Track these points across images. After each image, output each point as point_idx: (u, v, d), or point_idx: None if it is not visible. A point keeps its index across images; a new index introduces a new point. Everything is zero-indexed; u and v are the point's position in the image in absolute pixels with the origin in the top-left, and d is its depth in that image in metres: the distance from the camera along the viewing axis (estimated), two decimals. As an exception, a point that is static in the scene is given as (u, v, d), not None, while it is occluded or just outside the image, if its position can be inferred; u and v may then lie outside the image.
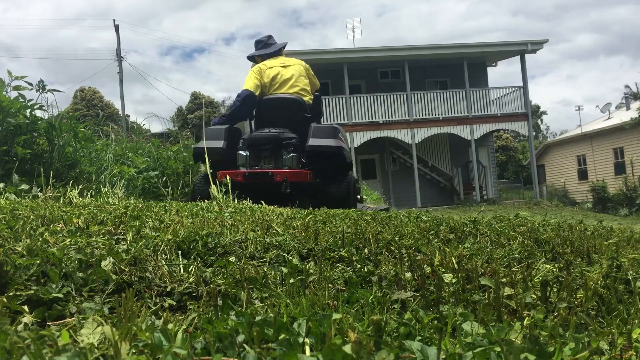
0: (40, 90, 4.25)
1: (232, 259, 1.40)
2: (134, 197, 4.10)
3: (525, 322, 0.98)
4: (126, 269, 1.22)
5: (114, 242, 1.48)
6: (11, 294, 0.99)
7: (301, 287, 1.21)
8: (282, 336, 0.75)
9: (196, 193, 4.13)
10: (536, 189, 20.67)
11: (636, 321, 1.02)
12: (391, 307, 1.10)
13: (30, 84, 4.14)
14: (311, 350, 0.73)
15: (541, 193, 22.46)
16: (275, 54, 4.75)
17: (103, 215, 2.00)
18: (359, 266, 1.42)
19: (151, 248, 1.41)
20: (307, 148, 4.16)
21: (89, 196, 3.44)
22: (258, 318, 0.77)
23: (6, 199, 2.72)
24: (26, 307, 0.96)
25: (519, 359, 0.67)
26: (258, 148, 4.27)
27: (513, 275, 1.23)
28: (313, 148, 4.14)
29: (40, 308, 0.97)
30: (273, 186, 3.99)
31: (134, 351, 0.69)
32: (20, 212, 1.94)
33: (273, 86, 4.50)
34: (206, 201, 3.48)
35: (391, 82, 20.77)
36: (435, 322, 0.97)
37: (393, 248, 1.66)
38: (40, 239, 1.39)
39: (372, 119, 18.53)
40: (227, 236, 1.64)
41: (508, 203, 19.46)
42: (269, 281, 1.26)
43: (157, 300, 1.13)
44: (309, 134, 4.19)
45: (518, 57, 19.92)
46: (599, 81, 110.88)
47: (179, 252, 1.42)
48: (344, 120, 18.18)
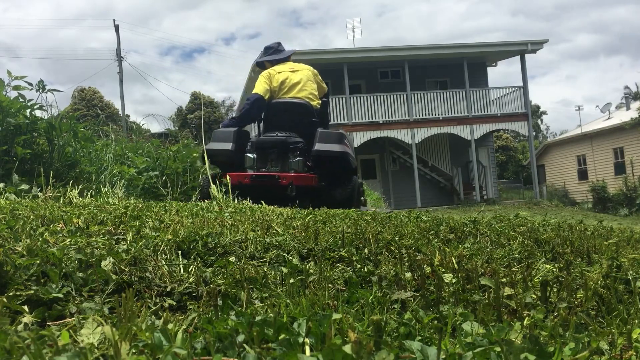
0: (40, 90, 4.26)
1: (232, 259, 1.40)
2: (134, 197, 4.10)
3: (525, 322, 0.98)
4: (126, 269, 1.22)
5: (114, 242, 1.48)
6: (11, 294, 0.99)
7: (301, 287, 1.21)
8: (282, 336, 0.75)
9: (204, 194, 4.20)
10: (536, 189, 20.67)
11: (636, 321, 1.02)
12: (391, 307, 1.10)
13: (30, 84, 4.14)
14: (311, 350, 0.73)
15: (541, 193, 22.47)
16: (284, 60, 4.85)
17: (103, 215, 2.00)
18: (359, 266, 1.42)
19: (151, 248, 1.41)
20: (313, 152, 4.24)
21: (89, 196, 3.44)
22: (258, 318, 0.77)
23: (6, 199, 2.72)
24: (26, 307, 0.96)
25: (519, 359, 0.67)
26: (265, 151, 4.35)
27: (513, 275, 1.23)
28: (319, 153, 4.22)
29: (40, 308, 0.97)
30: (279, 189, 4.07)
31: (134, 351, 0.69)
32: (20, 212, 1.94)
33: (282, 90, 4.59)
34: (206, 201, 3.49)
35: (391, 82, 20.77)
36: (435, 322, 0.97)
37: (393, 248, 1.66)
38: (40, 239, 1.39)
39: (372, 119, 18.53)
40: (227, 236, 1.64)
41: (508, 203, 19.46)
42: (269, 281, 1.26)
43: (157, 300, 1.13)
44: (315, 139, 4.27)
45: (518, 57, 19.93)
46: (599, 81, 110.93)
47: (179, 252, 1.42)
48: (344, 120, 18.19)
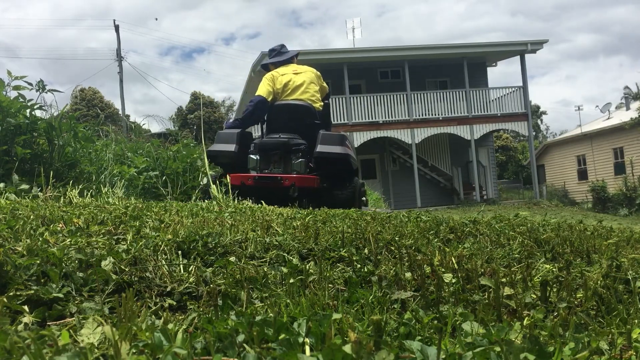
0: (40, 90, 4.25)
1: (232, 259, 1.40)
2: (134, 197, 4.10)
3: (525, 322, 0.98)
4: (126, 269, 1.22)
5: (114, 242, 1.48)
6: (11, 294, 0.99)
7: (301, 287, 1.21)
8: (282, 336, 0.75)
9: (207, 193, 4.29)
10: (536, 189, 20.67)
11: (636, 321, 1.02)
12: (391, 307, 1.10)
13: (30, 84, 4.14)
14: (311, 350, 0.73)
15: (541, 193, 22.47)
16: (287, 62, 4.91)
17: (103, 215, 2.00)
18: (359, 266, 1.42)
19: (151, 248, 1.41)
20: (315, 154, 4.31)
21: (89, 196, 3.44)
22: (258, 318, 0.77)
23: (6, 199, 2.72)
24: (26, 307, 0.96)
25: (519, 359, 0.67)
26: (268, 152, 4.43)
27: (513, 275, 1.23)
28: (321, 154, 4.29)
29: (40, 308, 0.97)
30: (282, 190, 4.14)
31: (134, 351, 0.69)
32: (20, 212, 1.94)
33: (285, 92, 4.65)
34: (206, 201, 3.50)
35: (391, 82, 20.76)
36: (435, 322, 0.97)
37: (393, 248, 1.66)
38: (40, 239, 1.39)
39: (372, 119, 18.53)
40: (227, 236, 1.64)
41: (508, 203, 19.46)
42: (269, 281, 1.26)
43: (157, 300, 1.13)
44: (317, 141, 4.34)
45: (518, 57, 19.92)
46: (599, 81, 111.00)
47: (179, 252, 1.42)
48: (344, 120, 18.19)
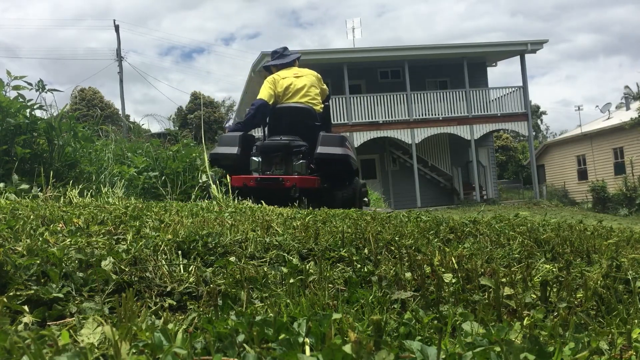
0: (39, 90, 4.25)
1: (232, 259, 1.40)
2: (134, 197, 4.10)
3: (525, 322, 0.98)
4: (126, 269, 1.22)
5: (114, 242, 1.48)
6: (11, 294, 0.99)
7: (301, 287, 1.21)
8: (282, 336, 0.75)
9: (207, 190, 4.45)
10: (536, 189, 20.67)
11: (636, 321, 1.02)
12: (391, 307, 1.10)
13: (29, 84, 4.14)
14: (311, 350, 0.73)
15: (541, 193, 22.46)
16: (289, 64, 5.00)
17: (103, 215, 2.00)
18: (359, 266, 1.42)
19: (151, 248, 1.41)
20: (316, 155, 4.39)
21: (89, 196, 3.44)
22: (258, 318, 0.77)
23: (6, 199, 2.72)
24: (26, 307, 0.96)
25: (519, 359, 0.67)
26: (270, 154, 4.52)
27: (513, 275, 1.23)
28: (321, 155, 4.37)
29: (40, 308, 0.97)
30: (283, 191, 4.24)
31: (134, 351, 0.69)
32: (20, 212, 1.94)
33: (286, 95, 4.75)
34: (206, 201, 3.52)
35: (391, 82, 20.76)
36: (435, 322, 0.97)
37: (393, 248, 1.66)
38: (40, 239, 1.39)
39: (372, 119, 18.52)
40: (227, 236, 1.64)
41: (508, 203, 19.46)
42: (269, 281, 1.26)
43: (157, 300, 1.13)
44: (318, 142, 4.42)
45: (518, 57, 19.92)
46: (599, 81, 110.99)
47: (179, 252, 1.42)
48: (344, 120, 18.18)
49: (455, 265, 1.34)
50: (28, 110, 3.92)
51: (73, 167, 4.20)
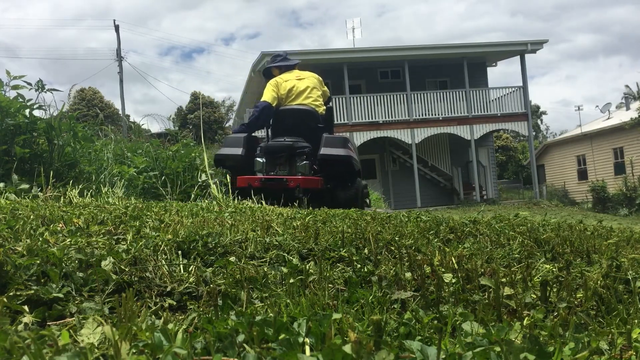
0: (39, 90, 4.25)
1: (232, 259, 1.40)
2: (134, 197, 4.10)
3: (525, 322, 0.98)
4: (126, 269, 1.22)
5: (114, 242, 1.48)
6: (11, 294, 0.99)
7: (301, 287, 1.21)
8: (282, 336, 0.75)
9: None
10: (536, 189, 20.67)
11: (636, 321, 1.02)
12: (391, 307, 1.10)
13: (29, 84, 4.13)
14: (311, 350, 0.73)
15: (541, 193, 22.46)
16: (291, 67, 5.12)
17: (103, 215, 2.00)
18: (359, 266, 1.42)
19: (151, 248, 1.41)
20: (319, 156, 4.48)
21: (89, 196, 3.44)
22: (258, 318, 0.77)
23: (6, 199, 2.72)
24: (26, 307, 0.96)
25: (519, 359, 0.67)
26: (274, 155, 4.61)
27: (513, 275, 1.23)
28: (324, 157, 4.46)
29: (40, 308, 0.97)
30: (287, 191, 4.31)
31: (134, 351, 0.69)
32: (20, 212, 1.94)
33: (289, 97, 4.84)
34: (206, 201, 3.53)
35: (391, 82, 20.76)
36: (435, 322, 0.97)
37: (393, 248, 1.66)
38: (40, 239, 1.39)
39: (372, 119, 18.52)
40: (227, 236, 1.64)
41: (508, 203, 19.46)
42: (269, 281, 1.26)
43: (157, 300, 1.13)
44: (321, 144, 4.51)
45: (518, 57, 19.92)
46: (599, 81, 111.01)
47: (179, 252, 1.42)
48: (344, 120, 18.18)
49: (455, 265, 1.34)
50: (27, 110, 3.92)
51: (73, 167, 4.20)
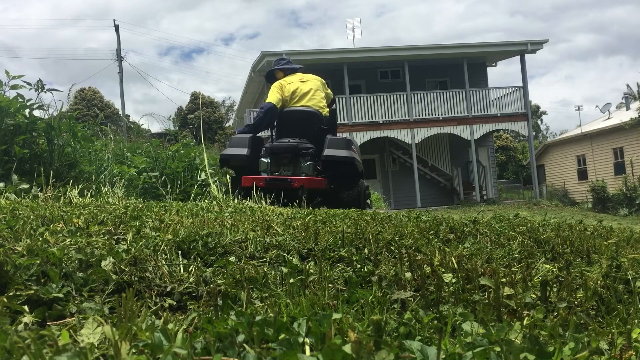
0: (38, 89, 4.25)
1: (232, 259, 1.40)
2: (134, 197, 4.10)
3: (525, 322, 0.98)
4: (126, 269, 1.22)
5: (114, 242, 1.48)
6: (11, 294, 0.99)
7: (301, 287, 1.21)
8: (282, 336, 0.75)
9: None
10: (536, 189, 20.67)
11: (636, 321, 1.02)
12: (391, 307, 1.10)
13: (28, 84, 4.14)
14: (311, 350, 0.73)
15: (541, 193, 22.46)
16: (295, 70, 5.23)
17: (103, 215, 2.00)
18: (359, 266, 1.42)
19: (151, 248, 1.41)
20: (323, 157, 4.54)
21: (89, 196, 3.44)
22: (258, 318, 0.77)
23: (6, 199, 2.72)
24: (26, 307, 0.96)
25: (519, 359, 0.67)
26: (278, 156, 4.69)
27: (513, 275, 1.23)
28: (328, 158, 4.53)
29: (40, 308, 0.97)
30: (291, 191, 4.36)
31: (134, 351, 0.69)
32: (20, 212, 1.94)
33: (293, 99, 4.93)
34: (206, 201, 3.53)
35: (391, 82, 20.75)
36: (435, 322, 0.97)
37: (393, 248, 1.66)
38: (40, 239, 1.39)
39: (372, 119, 18.52)
40: (227, 236, 1.64)
41: (508, 203, 19.46)
42: (269, 281, 1.26)
43: (157, 300, 1.13)
44: (325, 145, 4.58)
45: (518, 57, 19.92)
46: (599, 81, 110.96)
47: (179, 252, 1.42)
48: (344, 120, 18.17)
49: (455, 265, 1.34)
50: (27, 110, 3.92)
51: (73, 167, 4.20)
